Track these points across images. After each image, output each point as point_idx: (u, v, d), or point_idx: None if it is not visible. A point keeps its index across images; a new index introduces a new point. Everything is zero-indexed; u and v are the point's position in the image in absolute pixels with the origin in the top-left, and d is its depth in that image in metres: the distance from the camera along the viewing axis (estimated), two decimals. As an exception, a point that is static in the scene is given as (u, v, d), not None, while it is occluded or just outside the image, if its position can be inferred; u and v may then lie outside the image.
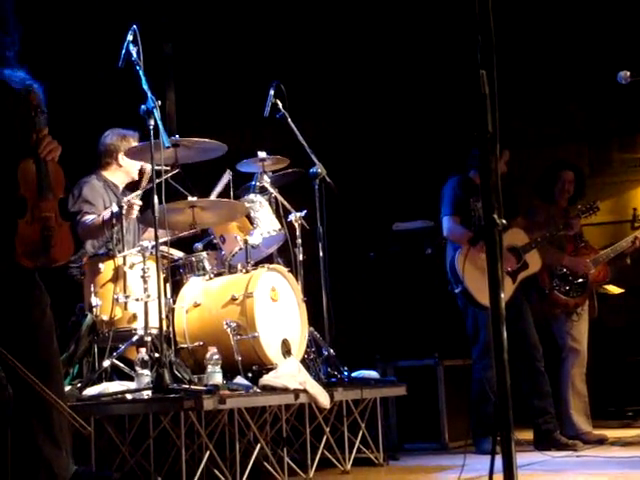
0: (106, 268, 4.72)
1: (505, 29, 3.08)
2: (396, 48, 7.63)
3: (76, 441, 3.52)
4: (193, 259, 5.10)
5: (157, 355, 4.36)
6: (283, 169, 5.59)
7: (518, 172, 7.17)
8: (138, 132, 5.29)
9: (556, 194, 5.88)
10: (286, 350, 4.84)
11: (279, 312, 4.92)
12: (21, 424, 2.96)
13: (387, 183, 7.73)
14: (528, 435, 5.60)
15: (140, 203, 4.94)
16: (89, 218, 5.04)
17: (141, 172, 5.24)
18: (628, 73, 4.38)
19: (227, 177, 5.24)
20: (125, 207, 4.79)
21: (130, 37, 4.60)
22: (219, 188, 5.26)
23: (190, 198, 4.86)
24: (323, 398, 4.64)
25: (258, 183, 5.36)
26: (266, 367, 4.66)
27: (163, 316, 4.42)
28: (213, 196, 5.19)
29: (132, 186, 5.33)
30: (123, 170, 5.37)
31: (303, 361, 4.94)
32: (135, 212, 4.93)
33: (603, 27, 7.36)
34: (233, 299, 4.75)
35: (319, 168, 5.57)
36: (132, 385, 4.30)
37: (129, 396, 4.20)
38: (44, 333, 3.05)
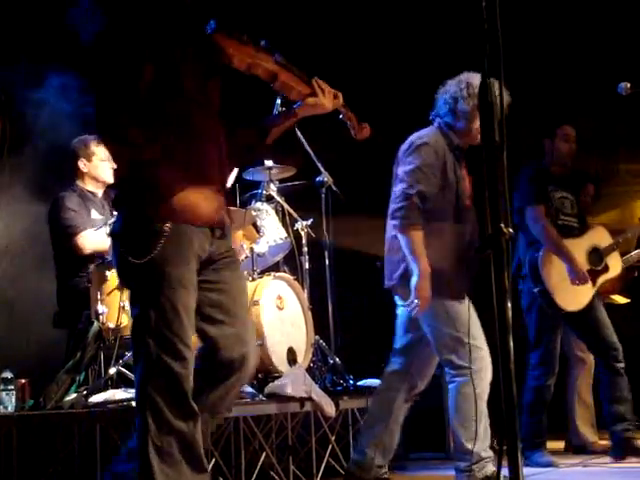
0: (112, 276, 4.72)
1: (513, 38, 3.09)
2: (404, 55, 7.64)
3: (83, 447, 3.51)
4: (199, 267, 5.10)
5: (163, 363, 4.35)
6: (290, 178, 5.60)
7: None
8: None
9: None
10: (292, 358, 4.84)
11: (285, 320, 4.92)
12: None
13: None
14: (559, 445, 5.70)
15: None
16: (91, 231, 4.94)
17: None
18: (629, 85, 4.36)
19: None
20: None
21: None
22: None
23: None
24: (329, 406, 4.64)
25: (265, 191, 5.37)
26: (272, 375, 4.67)
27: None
28: None
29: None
30: (88, 175, 5.12)
31: (309, 369, 4.94)
32: None
33: (610, 37, 7.36)
34: (239, 307, 4.75)
35: (326, 177, 5.58)
36: (138, 392, 4.30)
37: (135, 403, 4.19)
38: None
